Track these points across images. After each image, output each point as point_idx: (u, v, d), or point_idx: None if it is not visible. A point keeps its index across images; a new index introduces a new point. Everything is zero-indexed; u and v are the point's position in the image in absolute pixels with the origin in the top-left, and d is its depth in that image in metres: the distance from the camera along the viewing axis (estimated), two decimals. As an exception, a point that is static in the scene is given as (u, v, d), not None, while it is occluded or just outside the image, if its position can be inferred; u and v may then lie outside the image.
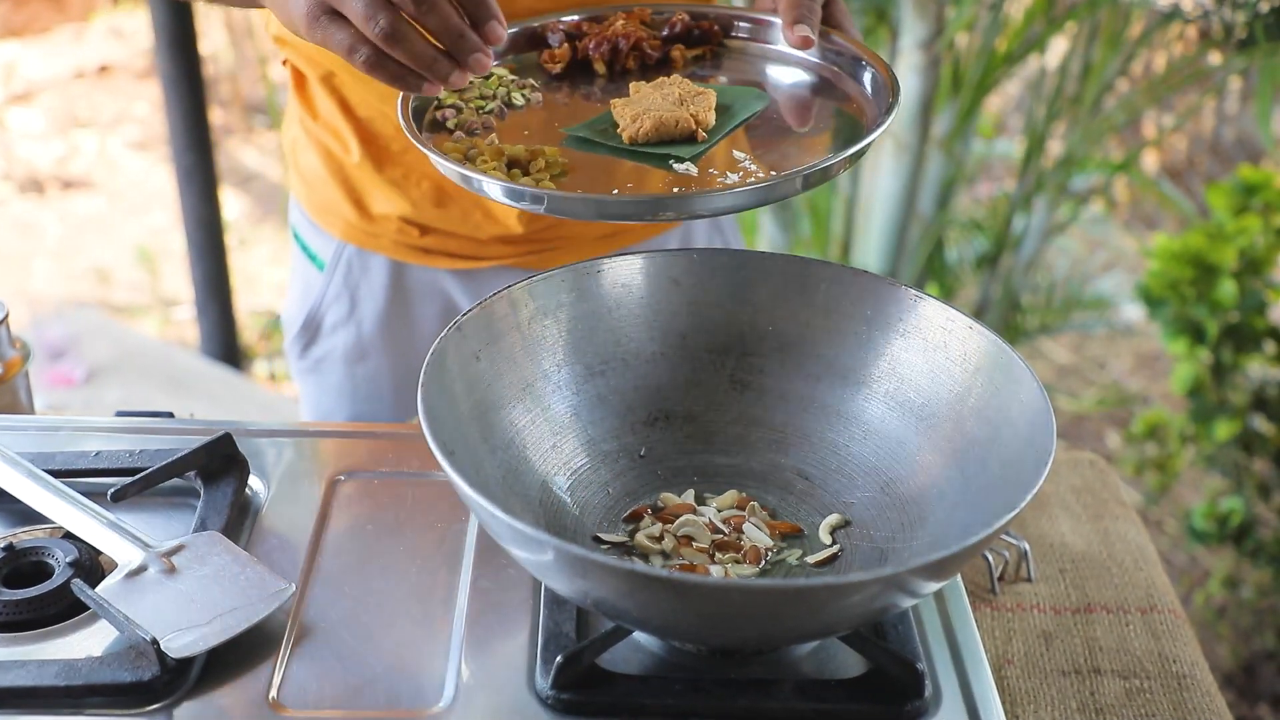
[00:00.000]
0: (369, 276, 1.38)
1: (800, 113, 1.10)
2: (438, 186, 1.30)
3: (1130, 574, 1.16)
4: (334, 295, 1.40)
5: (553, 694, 0.85)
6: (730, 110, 1.06)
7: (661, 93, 1.05)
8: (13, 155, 4.17)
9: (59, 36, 4.82)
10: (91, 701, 0.84)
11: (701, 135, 1.02)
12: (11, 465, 1.00)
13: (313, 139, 1.35)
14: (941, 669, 0.90)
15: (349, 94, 1.29)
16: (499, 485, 0.93)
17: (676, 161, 0.99)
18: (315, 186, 1.37)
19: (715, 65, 1.15)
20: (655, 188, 0.98)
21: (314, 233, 1.40)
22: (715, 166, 0.99)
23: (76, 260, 3.74)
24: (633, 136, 1.01)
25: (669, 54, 1.14)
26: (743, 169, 0.99)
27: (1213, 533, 2.40)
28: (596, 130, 1.04)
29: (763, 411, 1.03)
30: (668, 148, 1.01)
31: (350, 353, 1.42)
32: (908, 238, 2.53)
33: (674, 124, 1.01)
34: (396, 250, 1.35)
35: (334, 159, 1.34)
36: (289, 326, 1.46)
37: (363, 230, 1.35)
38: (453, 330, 0.94)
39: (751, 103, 1.07)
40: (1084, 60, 2.48)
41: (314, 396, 1.47)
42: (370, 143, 1.30)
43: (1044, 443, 0.86)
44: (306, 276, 1.42)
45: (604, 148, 1.02)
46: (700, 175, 0.98)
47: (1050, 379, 3.25)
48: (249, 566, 0.93)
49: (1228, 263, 2.27)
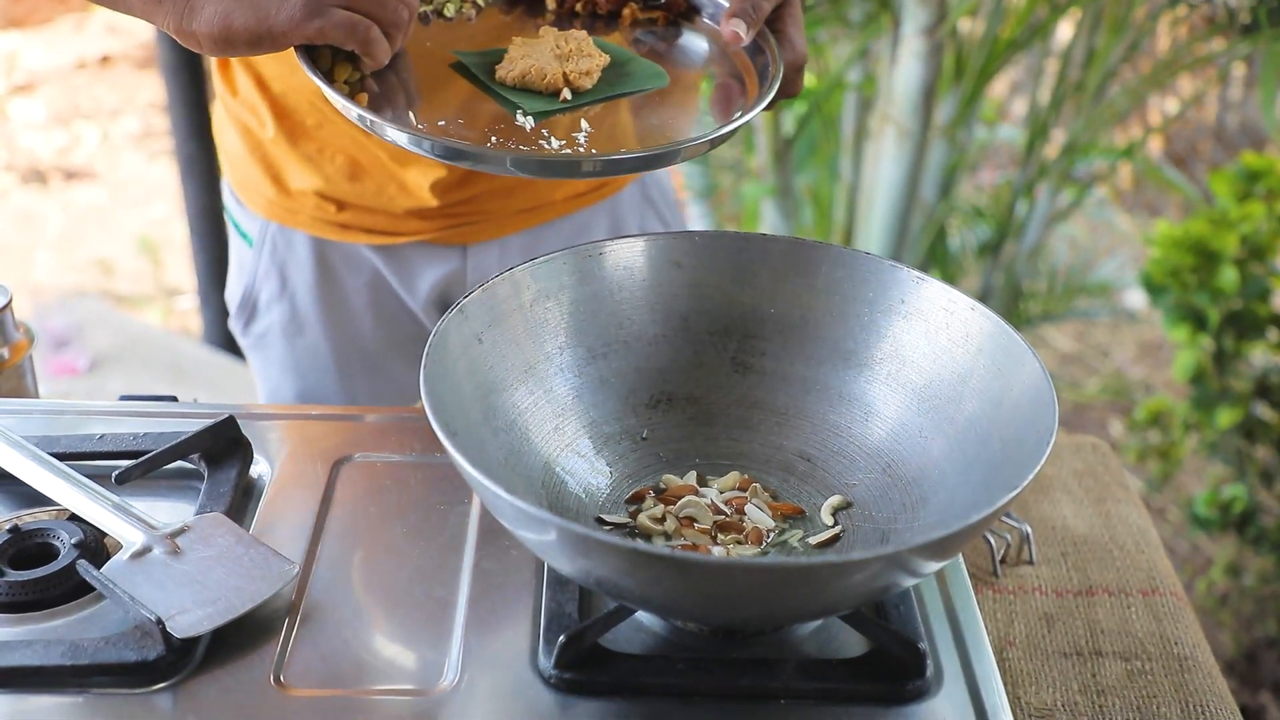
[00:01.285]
0: (294, 253, 1.38)
1: (722, 106, 1.08)
2: (352, 160, 1.30)
3: (1132, 556, 1.16)
4: (264, 272, 1.41)
5: (555, 673, 0.85)
6: (622, 81, 1.06)
7: (558, 43, 1.06)
8: (15, 146, 4.17)
9: (60, 27, 4.82)
10: (97, 681, 0.85)
11: (565, 95, 1.03)
12: (17, 448, 1.01)
13: (233, 117, 1.36)
14: (943, 649, 0.90)
15: (264, 69, 1.29)
16: (501, 466, 0.93)
17: (522, 114, 1.01)
18: (237, 164, 1.38)
19: (665, 35, 1.15)
20: (479, 128, 1.00)
21: (240, 210, 1.41)
22: (552, 129, 1.01)
23: (79, 250, 3.74)
24: (501, 77, 1.04)
25: (620, 9, 1.15)
26: (570, 139, 1.00)
27: (1215, 520, 2.40)
28: (486, 63, 1.06)
29: (764, 393, 1.04)
30: (525, 97, 1.03)
31: (287, 328, 1.43)
32: (910, 225, 2.53)
33: (541, 77, 1.03)
34: (316, 226, 1.36)
35: (252, 136, 1.34)
36: (230, 304, 1.48)
37: (283, 207, 1.36)
38: (455, 312, 0.94)
39: (648, 80, 1.07)
40: (1088, 46, 2.48)
41: (262, 371, 1.49)
42: (284, 118, 1.31)
43: (1046, 422, 0.87)
44: (240, 254, 1.43)
45: (476, 80, 1.05)
46: (533, 131, 1.00)
47: (1053, 367, 3.25)
48: (253, 547, 0.93)
49: (1230, 249, 2.26)
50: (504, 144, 0.98)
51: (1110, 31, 2.40)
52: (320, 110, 1.28)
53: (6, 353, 1.17)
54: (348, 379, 1.44)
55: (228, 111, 1.36)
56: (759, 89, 1.07)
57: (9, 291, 1.18)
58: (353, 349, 1.43)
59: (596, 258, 1.02)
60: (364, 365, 1.44)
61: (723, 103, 1.08)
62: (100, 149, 4.24)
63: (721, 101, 1.08)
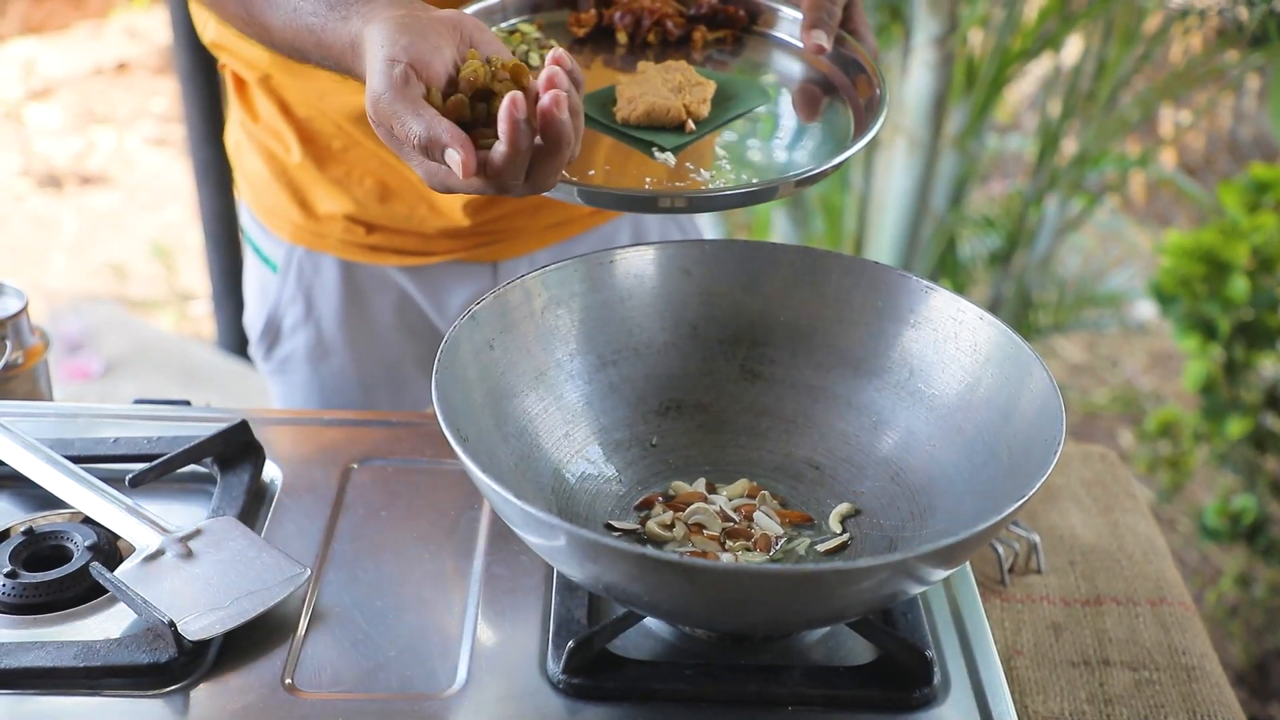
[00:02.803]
0: (321, 276, 1.38)
1: (807, 109, 1.10)
2: (381, 183, 1.30)
3: (1140, 566, 1.16)
4: (289, 297, 1.40)
5: (564, 678, 0.86)
6: (730, 103, 1.07)
7: (664, 76, 1.06)
8: (31, 151, 4.19)
9: (77, 34, 4.85)
10: (109, 683, 0.86)
11: (690, 126, 1.03)
12: (32, 451, 1.02)
13: (255, 141, 1.34)
14: (951, 657, 0.91)
15: (287, 94, 1.28)
16: (512, 472, 0.93)
17: (659, 150, 1.01)
18: (260, 189, 1.36)
19: (735, 51, 1.16)
20: (632, 172, 1.00)
21: (264, 235, 1.39)
22: (693, 160, 1.01)
23: (93, 255, 3.76)
24: (625, 117, 1.04)
25: (690, 33, 1.15)
26: (716, 167, 1.00)
27: (1225, 531, 2.40)
28: (596, 104, 1.06)
29: (773, 401, 1.04)
30: (655, 134, 1.03)
31: (312, 352, 1.42)
32: (920, 235, 2.53)
33: (665, 112, 1.03)
34: (345, 249, 1.35)
35: (276, 160, 1.33)
36: (251, 330, 1.47)
37: (310, 231, 1.35)
38: (466, 319, 0.95)
39: (753, 98, 1.08)
40: (1099, 57, 2.48)
41: (284, 396, 1.48)
42: (310, 142, 1.30)
43: (1053, 431, 0.87)
44: (262, 279, 1.42)
45: (597, 124, 1.05)
46: (678, 167, 1.00)
47: (1063, 378, 3.25)
48: (264, 551, 0.94)
49: (1240, 260, 2.26)
50: (666, 184, 0.98)
51: (1121, 42, 2.40)
52: (348, 134, 1.27)
53: (21, 357, 1.18)
54: (372, 401, 1.44)
55: (249, 136, 1.35)
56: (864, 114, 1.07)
57: (24, 296, 1.19)
58: (378, 370, 1.43)
59: (607, 265, 1.03)
60: (389, 386, 1.44)
61: (808, 108, 1.09)
62: (115, 154, 4.26)
63: (807, 107, 1.09)
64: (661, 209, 0.99)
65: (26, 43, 4.73)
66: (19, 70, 4.54)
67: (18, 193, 4.04)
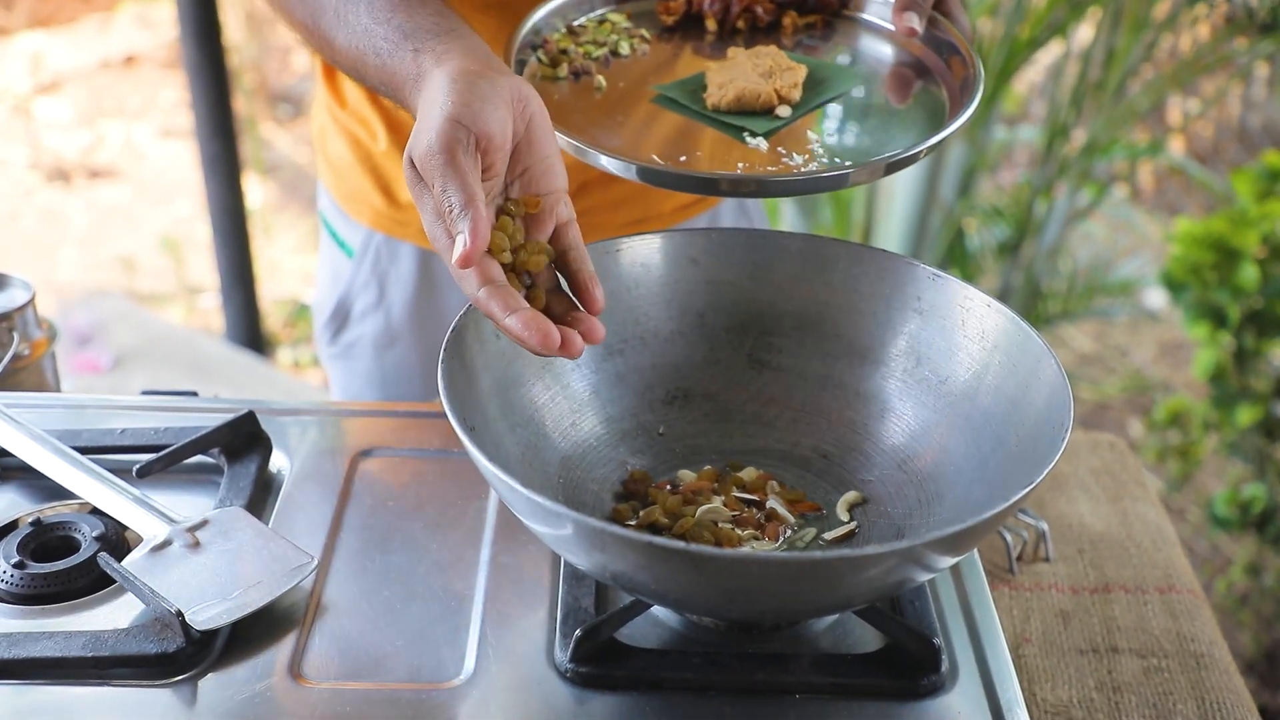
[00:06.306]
0: (398, 264, 1.38)
1: (899, 91, 1.10)
2: None
3: (1149, 554, 1.16)
4: (363, 283, 1.41)
5: (571, 667, 0.86)
6: (821, 87, 1.07)
7: (754, 62, 1.06)
8: (40, 145, 4.20)
9: (85, 27, 4.85)
10: (117, 672, 0.86)
11: (779, 111, 1.04)
12: (40, 442, 1.02)
13: (340, 127, 1.35)
14: (959, 645, 0.90)
15: None
16: (518, 461, 0.93)
17: (750, 135, 1.02)
18: (343, 174, 1.37)
19: (825, 36, 1.16)
20: (722, 158, 1.01)
21: (343, 220, 1.40)
22: (786, 145, 1.01)
23: (102, 249, 3.76)
24: (716, 104, 1.04)
25: (780, 19, 1.15)
26: (809, 152, 1.00)
27: (1235, 520, 2.39)
28: (686, 91, 1.07)
29: (781, 390, 1.04)
30: (746, 119, 1.03)
31: (379, 339, 1.43)
32: (929, 225, 2.53)
33: (755, 97, 1.04)
34: (425, 238, 1.35)
35: (362, 147, 1.34)
36: (319, 313, 1.47)
37: (391, 218, 1.35)
38: (473, 309, 0.95)
39: (844, 82, 1.08)
40: (1107, 45, 2.47)
41: (343, 382, 1.48)
42: (397, 130, 1.30)
43: (1061, 418, 0.87)
44: (335, 263, 1.43)
45: (689, 110, 1.05)
46: (770, 152, 1.00)
47: (1072, 367, 3.24)
48: (272, 541, 0.94)
49: (1250, 247, 2.25)
50: (764, 169, 0.98)
51: (1130, 30, 2.39)
52: None
53: (28, 349, 1.18)
54: (431, 394, 1.44)
55: (335, 122, 1.36)
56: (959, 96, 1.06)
57: (31, 288, 1.19)
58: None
59: (614, 254, 1.03)
60: None
61: (900, 89, 1.09)
62: (124, 148, 4.26)
63: (899, 90, 1.09)
64: (723, 192, 0.99)
65: (34, 36, 4.73)
66: (27, 64, 4.55)
67: (27, 187, 4.05)
